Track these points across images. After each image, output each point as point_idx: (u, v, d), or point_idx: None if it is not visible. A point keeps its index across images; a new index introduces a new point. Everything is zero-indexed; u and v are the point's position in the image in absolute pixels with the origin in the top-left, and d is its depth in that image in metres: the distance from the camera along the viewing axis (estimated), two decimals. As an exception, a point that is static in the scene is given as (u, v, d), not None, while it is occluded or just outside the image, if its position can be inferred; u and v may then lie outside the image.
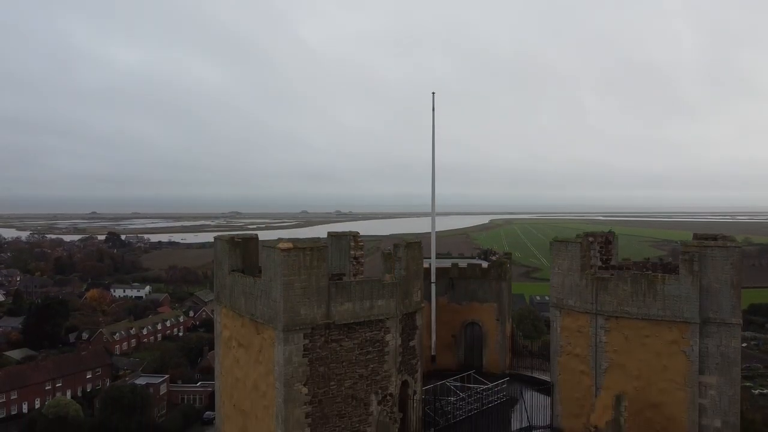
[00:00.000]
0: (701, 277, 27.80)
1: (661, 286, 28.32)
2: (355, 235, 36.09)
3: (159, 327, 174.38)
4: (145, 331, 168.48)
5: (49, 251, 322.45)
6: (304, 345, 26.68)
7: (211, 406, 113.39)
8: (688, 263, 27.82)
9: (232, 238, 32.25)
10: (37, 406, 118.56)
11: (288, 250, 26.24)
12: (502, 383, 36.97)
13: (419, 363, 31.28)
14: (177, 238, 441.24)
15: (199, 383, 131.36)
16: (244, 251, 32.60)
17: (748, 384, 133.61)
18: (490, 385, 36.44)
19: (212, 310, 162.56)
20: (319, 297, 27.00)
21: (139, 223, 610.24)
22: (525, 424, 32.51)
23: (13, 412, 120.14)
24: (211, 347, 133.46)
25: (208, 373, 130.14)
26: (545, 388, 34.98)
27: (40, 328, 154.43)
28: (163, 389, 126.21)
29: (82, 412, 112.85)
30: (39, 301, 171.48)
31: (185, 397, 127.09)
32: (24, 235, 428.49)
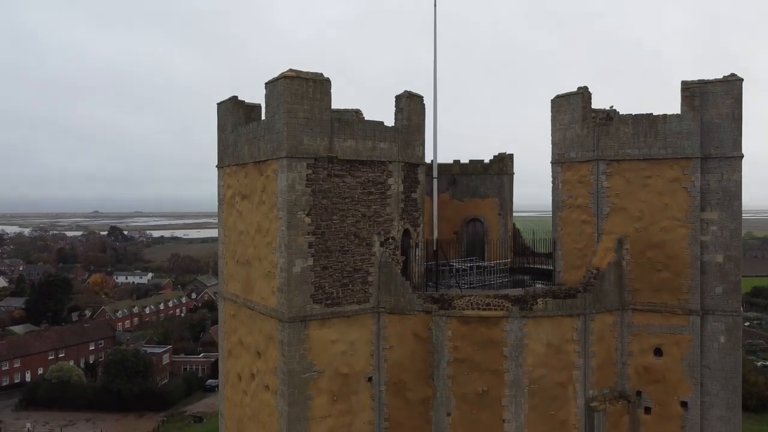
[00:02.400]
0: (702, 113, 27.95)
1: (663, 125, 28.47)
2: (357, 111, 36.24)
3: (161, 307, 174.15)
4: (147, 311, 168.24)
5: (52, 244, 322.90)
6: (306, 175, 26.85)
7: (213, 375, 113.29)
8: (690, 99, 27.98)
9: (235, 97, 32.45)
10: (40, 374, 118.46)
11: (291, 78, 26.45)
12: (505, 263, 37.14)
13: (421, 218, 31.42)
14: (179, 234, 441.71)
15: (202, 354, 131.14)
16: (247, 116, 32.76)
17: (751, 357, 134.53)
18: (493, 263, 36.63)
19: (215, 293, 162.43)
20: (322, 129, 27.18)
21: (141, 221, 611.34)
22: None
23: (16, 381, 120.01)
24: (214, 322, 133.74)
25: (211, 346, 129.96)
26: (547, 275, 35.05)
27: (43, 305, 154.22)
28: (165, 359, 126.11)
29: (85, 379, 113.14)
30: (41, 279, 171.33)
31: (187, 366, 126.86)
32: (26, 231, 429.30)
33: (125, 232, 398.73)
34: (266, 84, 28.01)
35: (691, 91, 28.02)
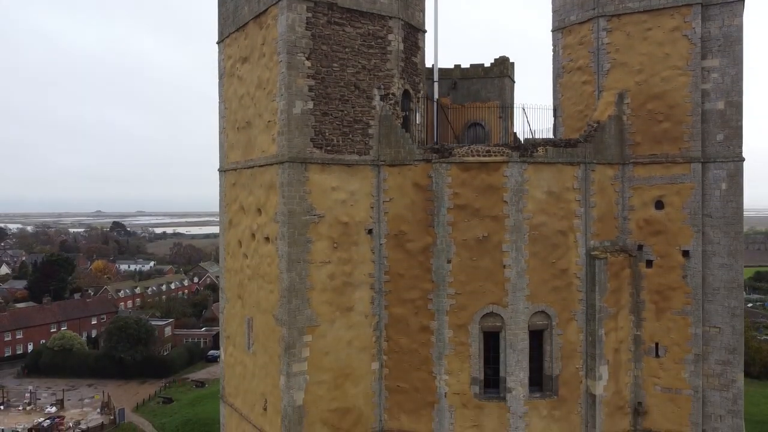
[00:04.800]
0: (703, -41, 27.90)
1: (663, -25, 28.41)
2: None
3: (164, 288, 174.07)
4: (149, 291, 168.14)
5: (54, 238, 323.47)
6: (306, 18, 26.91)
7: (215, 346, 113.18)
8: (690, -56, 27.90)
9: (235, -32, 32.49)
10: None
11: None
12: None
13: (422, 84, 31.44)
14: (182, 230, 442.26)
15: (204, 329, 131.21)
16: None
17: (754, 333, 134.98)
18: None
19: (217, 277, 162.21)
20: (321, -26, 27.24)
21: (144, 220, 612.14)
22: None
23: (18, 352, 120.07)
24: (215, 300, 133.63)
25: (213, 322, 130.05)
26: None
27: (45, 284, 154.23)
28: (167, 331, 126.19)
29: (87, 348, 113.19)
30: (44, 259, 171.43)
31: (189, 339, 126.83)
32: (29, 228, 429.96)
33: (128, 229, 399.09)
34: None
35: (692, -65, 27.95)
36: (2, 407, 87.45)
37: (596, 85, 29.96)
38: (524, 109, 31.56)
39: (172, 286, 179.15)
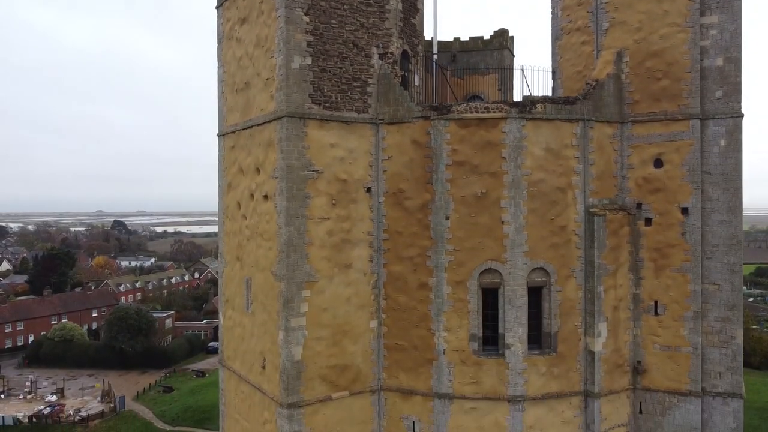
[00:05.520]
0: None
1: (661, -67, 28.38)
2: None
3: (165, 283, 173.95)
4: (150, 286, 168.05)
5: (55, 236, 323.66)
6: (303, -30, 26.90)
7: (215, 338, 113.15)
8: None
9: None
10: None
11: None
12: None
13: (420, 46, 31.42)
14: (183, 229, 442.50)
15: (204, 321, 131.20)
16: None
17: (755, 327, 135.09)
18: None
19: (217, 272, 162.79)
20: (319, -69, 27.23)
21: (145, 219, 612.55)
22: None
23: (19, 343, 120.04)
24: (216, 294, 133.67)
25: (214, 315, 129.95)
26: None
27: (46, 278, 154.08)
28: (168, 324, 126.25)
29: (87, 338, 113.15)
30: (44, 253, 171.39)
31: (190, 330, 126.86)
32: (30, 226, 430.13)
33: (129, 227, 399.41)
34: None
35: None
36: (3, 396, 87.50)
37: (595, 44, 29.94)
38: (523, 71, 31.53)
39: (173, 281, 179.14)
